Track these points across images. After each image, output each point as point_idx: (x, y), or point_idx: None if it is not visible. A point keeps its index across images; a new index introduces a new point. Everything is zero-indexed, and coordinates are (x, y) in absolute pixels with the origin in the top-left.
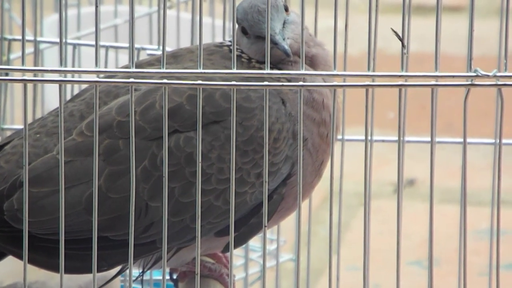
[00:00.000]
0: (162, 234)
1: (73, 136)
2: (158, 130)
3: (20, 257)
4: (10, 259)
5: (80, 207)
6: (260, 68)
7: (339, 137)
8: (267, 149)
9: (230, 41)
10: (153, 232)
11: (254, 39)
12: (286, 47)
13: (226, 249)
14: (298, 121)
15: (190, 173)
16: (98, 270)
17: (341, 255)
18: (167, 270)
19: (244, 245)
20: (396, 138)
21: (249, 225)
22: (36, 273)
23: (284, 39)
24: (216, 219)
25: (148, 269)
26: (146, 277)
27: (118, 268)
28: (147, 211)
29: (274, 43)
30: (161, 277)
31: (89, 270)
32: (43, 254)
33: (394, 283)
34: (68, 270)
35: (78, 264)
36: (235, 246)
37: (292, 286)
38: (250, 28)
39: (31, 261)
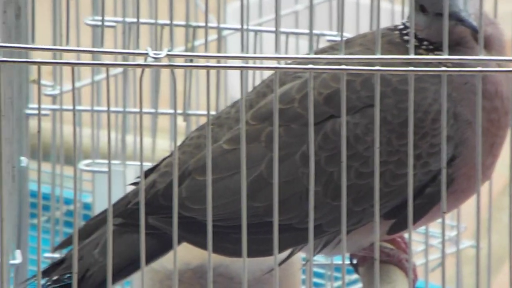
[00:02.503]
0: (326, 218)
1: (239, 125)
2: (316, 116)
3: (191, 242)
4: None
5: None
6: (428, 55)
7: None
8: (445, 134)
9: (403, 24)
10: (318, 216)
11: (433, 17)
12: (474, 23)
13: (389, 231)
14: (459, 103)
15: (347, 157)
16: (266, 254)
17: None
18: (347, 255)
19: (424, 231)
20: None
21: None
22: (220, 257)
23: (469, 15)
24: (380, 201)
25: (318, 253)
26: (327, 261)
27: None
28: (307, 195)
29: (459, 20)
30: (340, 262)
31: (258, 254)
32: (212, 239)
33: None
34: (233, 254)
35: (240, 247)
36: (400, 230)
37: (473, 273)
38: (432, 5)
39: (202, 246)
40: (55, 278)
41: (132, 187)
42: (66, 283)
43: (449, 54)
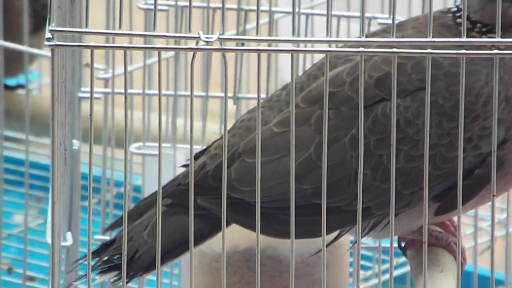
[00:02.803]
0: (375, 201)
1: (289, 108)
2: (366, 99)
3: (240, 223)
4: None
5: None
6: (481, 37)
7: None
8: (496, 117)
9: (456, 6)
10: (366, 199)
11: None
12: None
13: (436, 212)
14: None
15: (397, 140)
16: (314, 236)
17: None
18: (395, 238)
19: (473, 214)
20: None
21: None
22: (269, 239)
23: None
24: (429, 184)
25: (365, 235)
26: (375, 244)
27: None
28: (356, 178)
29: None
30: (388, 245)
31: (306, 235)
32: (261, 221)
33: None
34: (281, 235)
35: (295, 229)
36: (447, 211)
37: None
38: None
39: (250, 227)
40: (105, 258)
41: (183, 169)
42: (116, 264)
43: (502, 37)
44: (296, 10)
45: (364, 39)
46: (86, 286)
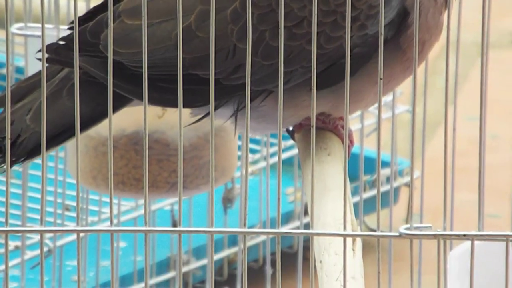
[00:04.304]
0: (254, 76)
1: None
2: None
3: (118, 88)
4: (133, 109)
5: (169, 42)
6: None
7: None
8: None
9: None
10: (243, 74)
11: None
12: None
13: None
14: None
15: (280, 16)
16: (191, 105)
17: (458, 106)
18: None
19: None
20: None
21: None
22: (156, 123)
23: None
24: (309, 63)
25: (241, 109)
26: (262, 137)
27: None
28: (235, 52)
29: None
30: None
31: (184, 105)
32: (135, 85)
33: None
34: (160, 103)
35: (171, 97)
36: (329, 85)
37: (408, 138)
38: None
39: (128, 92)
40: None
41: None
42: None
43: None
44: None
45: None
46: None
